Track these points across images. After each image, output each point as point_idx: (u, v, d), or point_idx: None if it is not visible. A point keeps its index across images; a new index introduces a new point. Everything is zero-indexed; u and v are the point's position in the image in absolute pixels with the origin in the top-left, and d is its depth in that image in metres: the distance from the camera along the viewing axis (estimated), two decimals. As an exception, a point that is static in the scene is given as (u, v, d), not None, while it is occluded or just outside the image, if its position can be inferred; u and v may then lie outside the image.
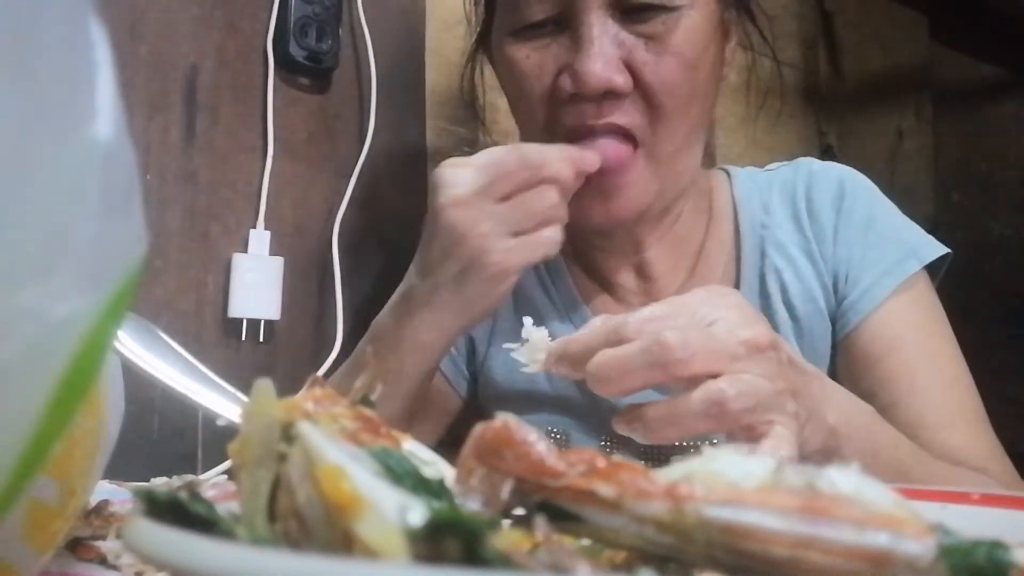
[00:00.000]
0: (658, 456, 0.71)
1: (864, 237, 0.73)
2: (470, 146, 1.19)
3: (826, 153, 1.70)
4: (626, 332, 0.43)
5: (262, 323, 0.95)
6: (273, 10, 0.99)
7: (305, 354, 0.98)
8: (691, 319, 0.45)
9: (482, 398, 0.84)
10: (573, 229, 0.67)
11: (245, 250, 0.95)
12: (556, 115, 0.68)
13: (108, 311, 0.21)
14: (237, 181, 0.97)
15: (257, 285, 0.95)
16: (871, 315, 0.71)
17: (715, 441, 0.59)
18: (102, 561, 0.37)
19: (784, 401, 0.44)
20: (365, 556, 0.17)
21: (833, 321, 0.74)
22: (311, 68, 1.01)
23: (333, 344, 0.97)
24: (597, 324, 0.46)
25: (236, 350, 0.94)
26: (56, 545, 0.28)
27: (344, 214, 1.02)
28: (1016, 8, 1.92)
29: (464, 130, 1.18)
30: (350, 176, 1.04)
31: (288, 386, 0.24)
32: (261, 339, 0.95)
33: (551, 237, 0.64)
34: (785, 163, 0.81)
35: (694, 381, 0.42)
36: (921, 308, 0.72)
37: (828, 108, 1.74)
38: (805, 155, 0.83)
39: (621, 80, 0.65)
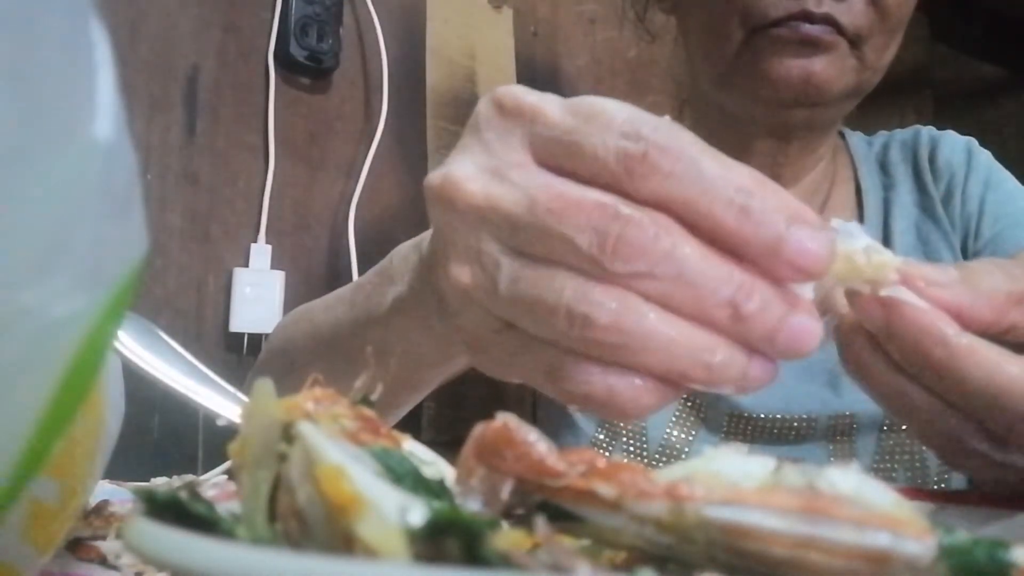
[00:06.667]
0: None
1: (986, 193, 0.71)
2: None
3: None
4: None
5: (263, 337, 0.95)
6: (274, 10, 0.99)
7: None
8: None
9: None
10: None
11: (246, 261, 0.96)
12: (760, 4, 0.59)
13: (108, 311, 0.21)
14: (238, 181, 0.97)
15: (258, 300, 0.95)
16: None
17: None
18: (102, 561, 0.37)
19: None
20: (365, 556, 0.17)
21: None
22: (312, 68, 1.01)
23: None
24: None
25: (237, 364, 0.94)
26: (56, 545, 0.28)
27: (354, 214, 1.02)
28: (1016, 8, 1.93)
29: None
30: (352, 176, 1.04)
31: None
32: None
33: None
34: (897, 129, 0.79)
35: None
36: None
37: (828, 108, 1.74)
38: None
39: None
